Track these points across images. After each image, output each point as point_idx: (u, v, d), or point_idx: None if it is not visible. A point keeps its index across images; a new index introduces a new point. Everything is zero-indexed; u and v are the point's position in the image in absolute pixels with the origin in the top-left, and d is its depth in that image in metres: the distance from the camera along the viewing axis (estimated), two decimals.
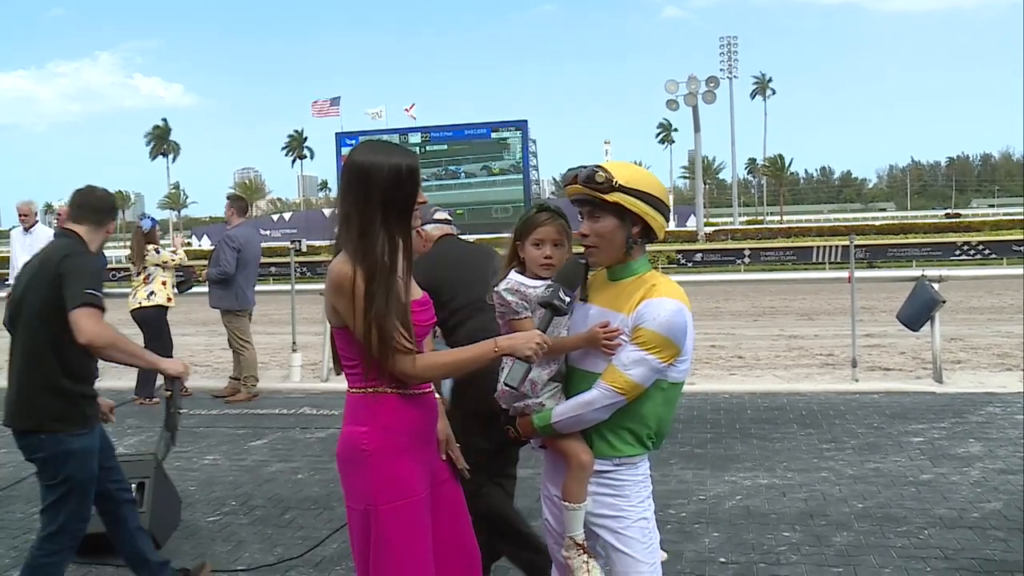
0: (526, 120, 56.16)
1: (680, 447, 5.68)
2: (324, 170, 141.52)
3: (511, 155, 55.21)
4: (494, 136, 55.93)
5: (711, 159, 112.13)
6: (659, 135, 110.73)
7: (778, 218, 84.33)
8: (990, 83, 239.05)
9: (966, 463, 5.18)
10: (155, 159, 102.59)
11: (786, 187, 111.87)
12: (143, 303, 7.68)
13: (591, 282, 2.35)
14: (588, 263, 2.32)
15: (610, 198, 2.19)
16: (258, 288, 8.49)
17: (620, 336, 2.17)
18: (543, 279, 2.27)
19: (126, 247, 17.33)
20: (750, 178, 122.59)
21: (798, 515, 4.39)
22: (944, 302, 7.61)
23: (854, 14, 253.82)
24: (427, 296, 2.39)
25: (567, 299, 2.20)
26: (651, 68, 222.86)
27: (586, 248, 2.28)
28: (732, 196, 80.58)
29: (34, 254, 3.33)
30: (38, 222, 9.35)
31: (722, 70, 76.84)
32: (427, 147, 54.59)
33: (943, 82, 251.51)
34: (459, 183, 55.67)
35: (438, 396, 2.43)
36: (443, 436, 2.45)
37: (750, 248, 35.05)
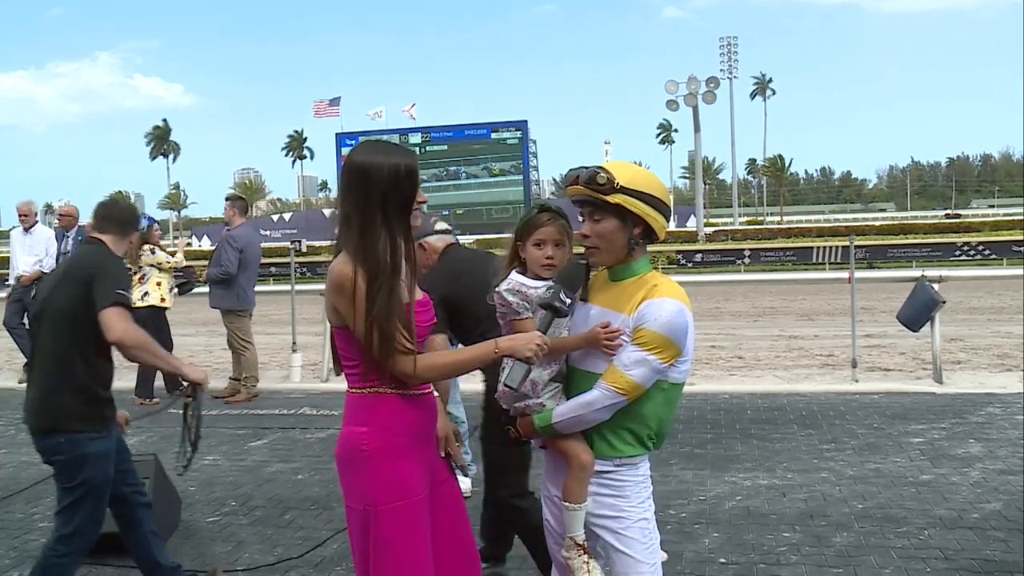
0: (526, 120, 56.27)
1: (680, 447, 5.68)
2: (324, 170, 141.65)
3: (511, 155, 55.25)
4: (494, 136, 56.00)
5: (711, 159, 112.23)
6: (659, 135, 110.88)
7: (778, 218, 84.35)
8: (990, 83, 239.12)
9: (966, 464, 5.18)
10: (155, 159, 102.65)
11: (786, 187, 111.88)
12: (136, 304, 7.67)
13: (592, 282, 2.34)
14: (589, 264, 2.32)
15: (612, 199, 2.19)
16: (258, 288, 8.49)
17: (621, 336, 2.17)
18: (544, 279, 2.27)
19: None
20: (750, 178, 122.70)
21: (798, 516, 4.39)
22: (944, 302, 7.62)
23: (854, 14, 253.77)
24: (427, 297, 2.39)
25: (568, 300, 2.19)
26: (651, 68, 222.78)
27: (587, 249, 2.28)
28: (732, 196, 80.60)
29: (61, 261, 3.41)
30: (38, 222, 9.35)
31: (722, 70, 77.00)
32: (427, 147, 54.66)
33: (943, 82, 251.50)
34: (459, 183, 55.70)
35: (435, 394, 2.43)
36: (443, 434, 2.45)
37: (750, 248, 35.05)
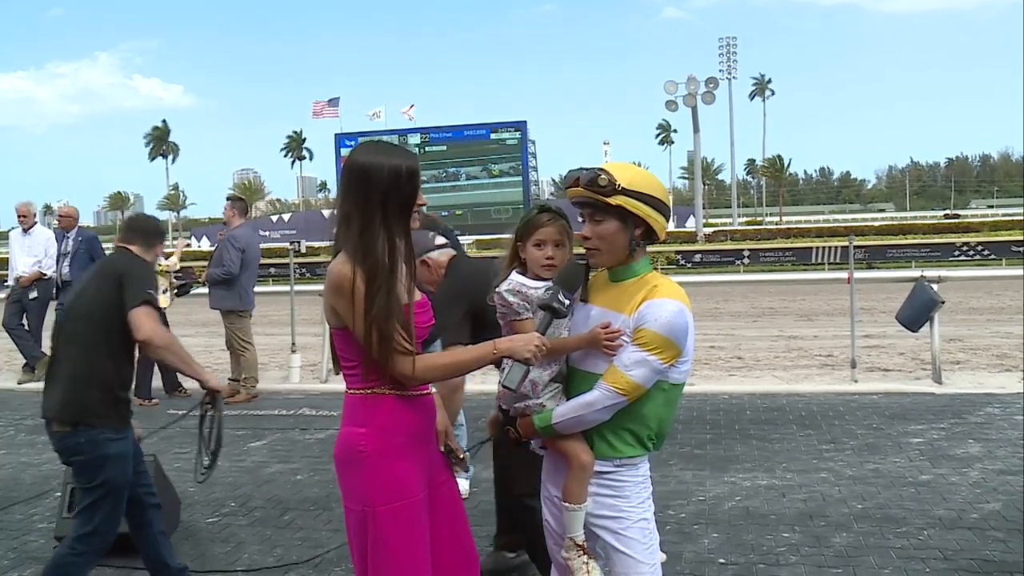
0: (525, 121, 56.19)
1: (679, 448, 5.68)
2: (323, 171, 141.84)
3: (510, 156, 55.22)
4: (493, 137, 55.94)
5: (710, 160, 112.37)
6: (658, 136, 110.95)
7: (777, 219, 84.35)
8: (989, 84, 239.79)
9: (965, 464, 5.18)
10: (154, 160, 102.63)
11: (785, 188, 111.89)
12: None
13: (592, 283, 2.34)
14: (588, 264, 2.32)
15: (613, 201, 2.18)
16: (257, 289, 8.48)
17: (621, 337, 2.17)
18: (545, 280, 2.27)
19: None
20: (749, 179, 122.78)
21: (797, 516, 4.39)
22: (943, 303, 7.62)
23: (853, 14, 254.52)
24: (426, 298, 2.39)
25: (566, 301, 2.19)
26: (650, 68, 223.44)
27: (588, 251, 2.27)
28: (731, 197, 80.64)
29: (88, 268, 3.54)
30: (37, 223, 9.36)
31: (721, 71, 76.97)
32: (426, 148, 54.61)
33: (942, 83, 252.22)
34: (458, 184, 55.67)
35: (433, 390, 2.42)
36: (442, 427, 2.45)
37: (749, 249, 35.06)
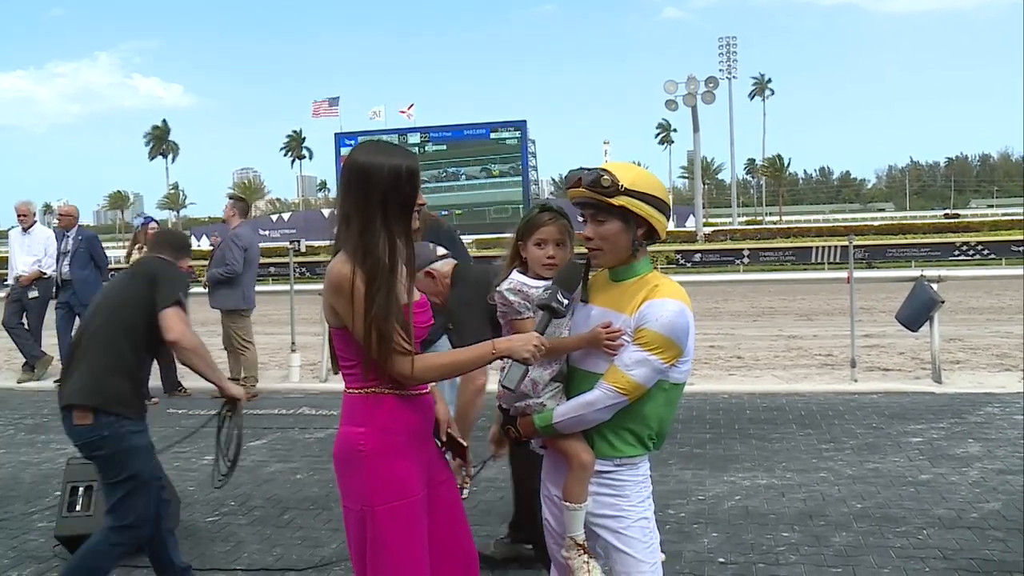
0: (525, 120, 56.23)
1: (679, 447, 5.68)
2: (323, 170, 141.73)
3: (510, 155, 55.22)
4: (493, 136, 55.95)
5: (710, 159, 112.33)
6: (658, 135, 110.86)
7: (777, 218, 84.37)
8: (989, 83, 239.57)
9: (965, 463, 5.18)
10: (154, 159, 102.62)
11: (785, 187, 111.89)
12: None
13: (593, 283, 2.34)
14: (588, 264, 2.31)
15: (616, 202, 2.17)
16: (257, 288, 8.48)
17: (622, 336, 2.17)
18: (546, 279, 2.27)
19: (125, 247, 17.34)
20: (749, 178, 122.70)
21: (797, 515, 4.39)
22: (943, 302, 7.62)
23: (853, 14, 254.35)
24: (425, 298, 2.39)
25: (565, 301, 2.19)
26: (650, 68, 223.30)
27: (591, 251, 2.26)
28: (731, 196, 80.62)
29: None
30: (36, 222, 9.36)
31: (721, 70, 76.92)
32: (426, 147, 54.62)
33: (942, 82, 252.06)
34: (458, 184, 55.66)
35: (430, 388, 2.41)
36: (444, 417, 2.45)
37: (749, 248, 35.09)
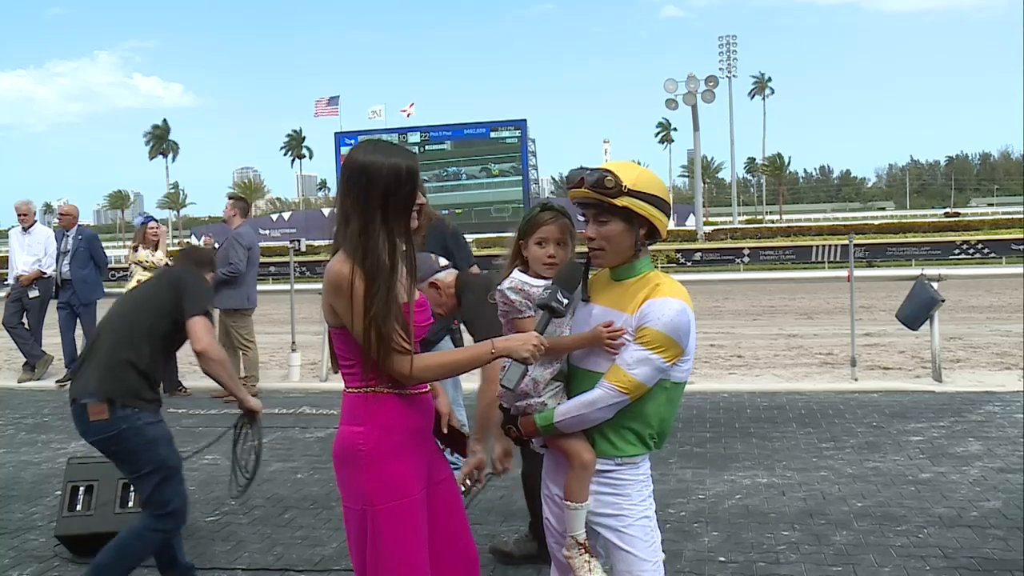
0: (525, 119, 56.15)
1: (679, 446, 5.68)
2: (323, 170, 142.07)
3: (510, 154, 55.18)
4: (493, 135, 55.89)
5: (710, 158, 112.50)
6: (658, 134, 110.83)
7: (777, 217, 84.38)
8: (989, 83, 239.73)
9: (965, 462, 5.18)
10: (154, 159, 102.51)
11: (785, 186, 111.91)
12: None
13: (594, 282, 2.34)
14: (588, 263, 2.31)
15: (619, 202, 2.16)
16: (257, 288, 8.49)
17: (624, 336, 2.17)
18: (547, 278, 2.27)
19: (125, 246, 17.37)
20: (749, 177, 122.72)
21: (797, 514, 4.39)
22: (943, 301, 7.62)
23: (853, 14, 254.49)
24: (424, 297, 2.38)
25: (565, 301, 2.19)
26: (650, 67, 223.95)
27: (593, 251, 2.26)
28: (731, 195, 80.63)
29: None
30: (36, 222, 9.36)
31: (721, 69, 76.94)
32: (426, 147, 54.56)
33: (942, 82, 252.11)
34: (458, 183, 55.63)
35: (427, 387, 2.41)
36: (445, 410, 2.45)
37: (749, 247, 35.08)
